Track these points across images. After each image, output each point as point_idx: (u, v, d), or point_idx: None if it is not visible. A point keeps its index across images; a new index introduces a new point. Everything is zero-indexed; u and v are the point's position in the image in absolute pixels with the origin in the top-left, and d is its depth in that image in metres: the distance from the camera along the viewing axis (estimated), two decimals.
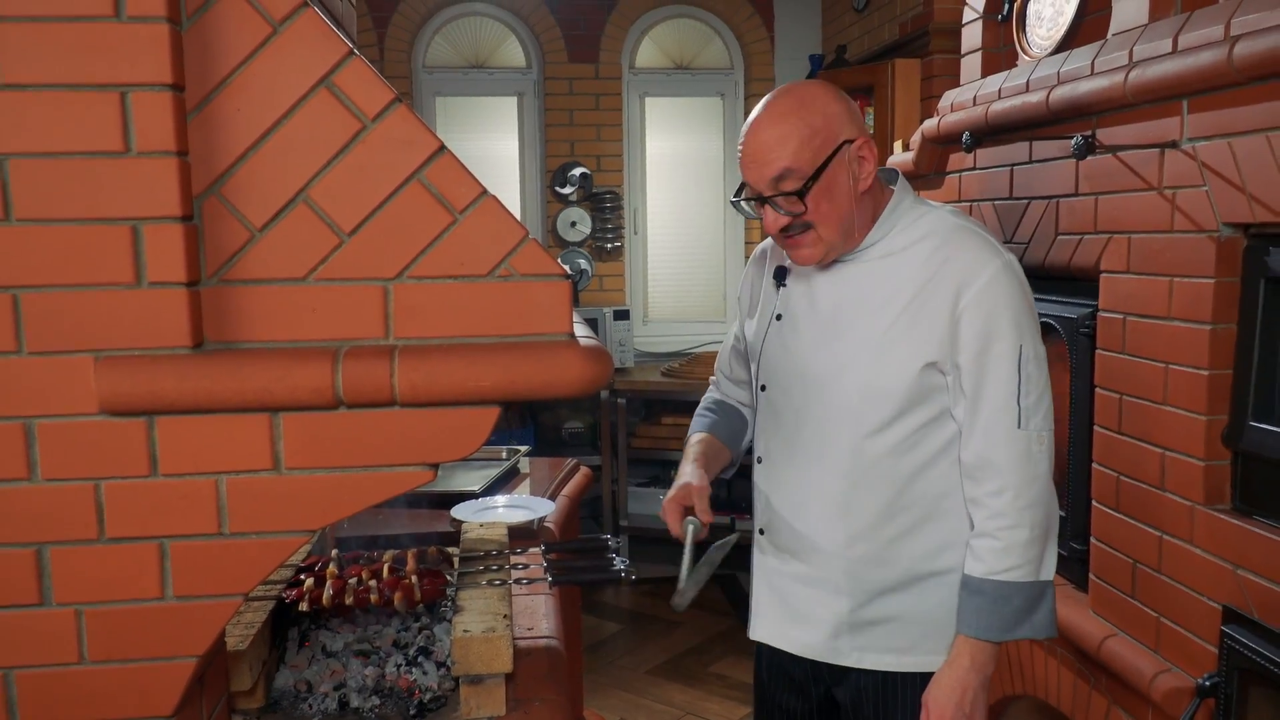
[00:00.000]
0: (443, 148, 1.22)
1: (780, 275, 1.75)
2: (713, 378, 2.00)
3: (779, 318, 1.74)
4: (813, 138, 1.55)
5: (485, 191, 1.23)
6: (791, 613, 1.74)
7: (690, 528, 1.73)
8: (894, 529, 1.64)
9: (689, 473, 1.77)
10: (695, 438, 1.88)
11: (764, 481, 1.77)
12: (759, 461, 1.79)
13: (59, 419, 1.15)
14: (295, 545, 1.23)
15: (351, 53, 1.19)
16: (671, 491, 1.77)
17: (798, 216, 1.58)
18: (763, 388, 1.76)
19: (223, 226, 1.19)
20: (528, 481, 3.03)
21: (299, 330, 1.21)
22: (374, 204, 1.20)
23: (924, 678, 1.65)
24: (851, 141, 1.57)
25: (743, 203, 1.65)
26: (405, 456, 1.22)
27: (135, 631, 1.20)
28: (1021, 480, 1.55)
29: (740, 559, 1.90)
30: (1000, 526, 1.55)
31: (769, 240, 1.80)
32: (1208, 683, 1.80)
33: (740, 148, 1.62)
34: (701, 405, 1.97)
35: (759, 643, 1.82)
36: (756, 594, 1.81)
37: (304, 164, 1.19)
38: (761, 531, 1.79)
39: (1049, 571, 1.59)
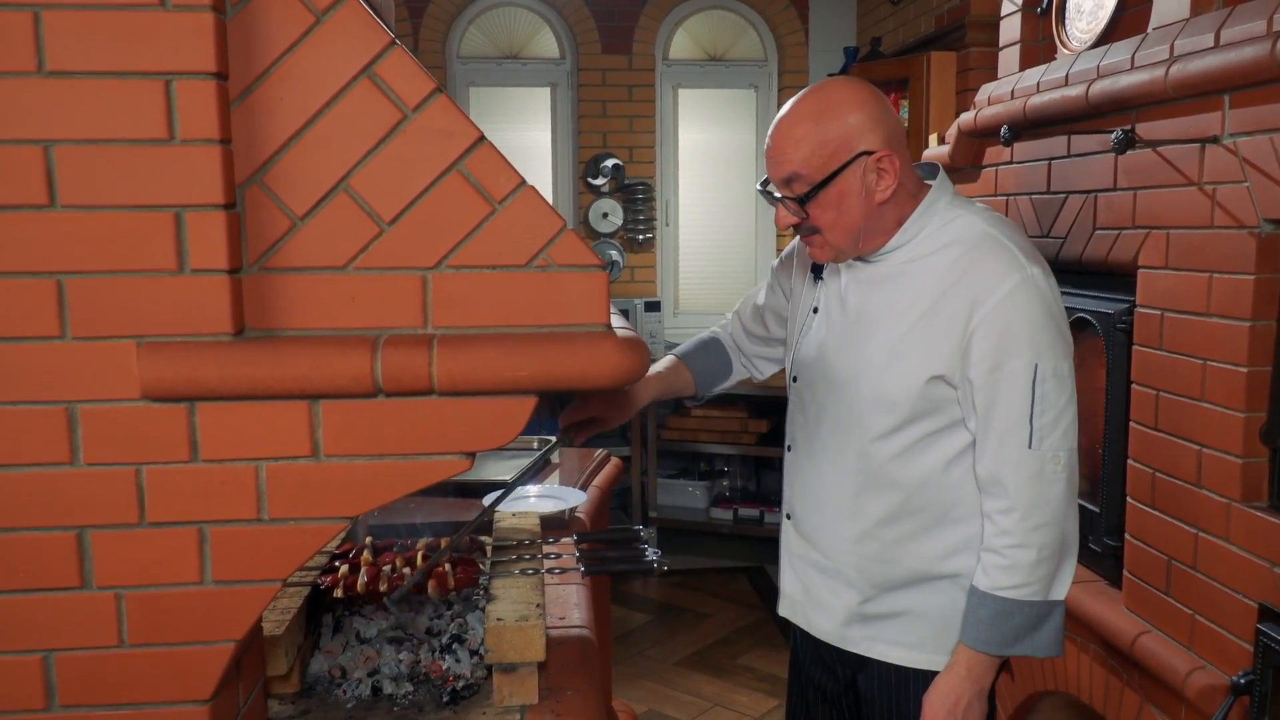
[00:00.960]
0: (483, 138, 1.22)
1: (818, 269, 1.76)
2: (726, 318, 2.04)
3: (815, 311, 1.75)
4: (824, 146, 1.55)
5: (524, 182, 1.23)
6: (811, 597, 1.79)
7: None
8: (900, 531, 1.66)
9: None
10: (665, 359, 1.96)
11: (791, 469, 1.82)
12: (789, 449, 1.83)
13: (101, 404, 1.17)
14: (333, 532, 1.24)
15: (393, 42, 1.20)
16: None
17: (803, 220, 1.61)
18: (794, 379, 1.80)
19: (264, 215, 1.20)
20: (558, 472, 3.05)
21: (338, 319, 1.22)
22: (414, 194, 1.21)
23: (925, 676, 1.67)
24: (871, 153, 1.55)
25: (763, 192, 1.67)
26: (442, 445, 1.23)
27: (174, 615, 1.21)
28: (1031, 501, 1.53)
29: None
30: (1007, 545, 1.55)
31: None
32: (1242, 680, 1.78)
33: (766, 142, 1.63)
34: (698, 336, 2.03)
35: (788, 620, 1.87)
36: (784, 574, 1.86)
37: (345, 153, 1.20)
38: (789, 516, 1.83)
39: (1060, 592, 1.58)
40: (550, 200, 5.92)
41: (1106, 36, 2.30)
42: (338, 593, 1.74)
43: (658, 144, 5.67)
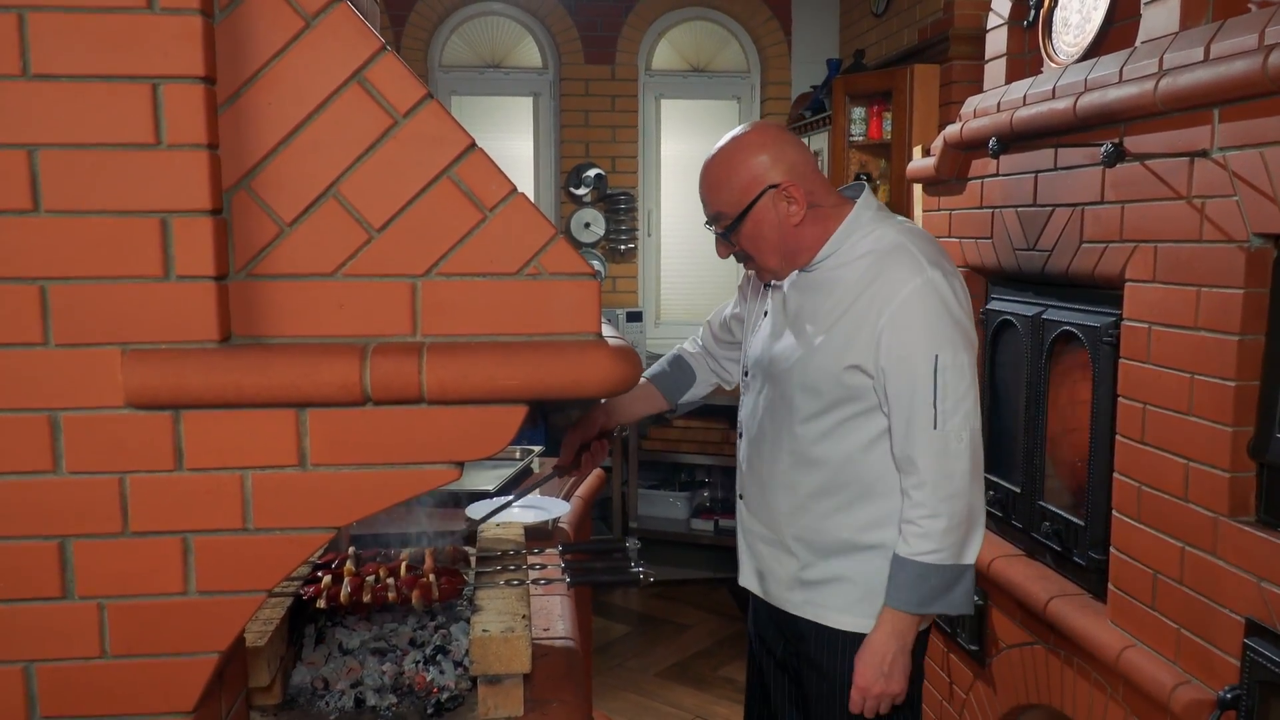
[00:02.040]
0: (473, 145, 1.21)
1: None
2: (697, 337, 2.27)
3: (765, 314, 1.99)
4: (733, 186, 1.82)
5: (515, 189, 1.22)
6: (762, 566, 2.01)
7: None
8: (827, 505, 1.87)
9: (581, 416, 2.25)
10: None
11: (742, 453, 2.05)
12: (740, 437, 2.07)
13: (85, 411, 1.15)
14: (320, 542, 1.22)
15: (384, 47, 1.19)
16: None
17: (734, 248, 1.89)
18: (745, 374, 2.05)
19: (252, 221, 1.18)
20: (543, 480, 3.02)
21: (327, 326, 1.20)
22: (404, 200, 1.20)
23: (856, 639, 1.85)
24: (777, 186, 1.80)
25: (709, 228, 1.93)
26: (431, 454, 1.21)
27: (157, 626, 1.19)
28: (939, 475, 1.73)
29: None
30: (921, 515, 1.74)
31: None
32: (1229, 695, 1.78)
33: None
34: (668, 354, 2.28)
35: (747, 589, 2.08)
36: (740, 549, 2.08)
37: (334, 159, 1.18)
38: (741, 496, 2.05)
39: (970, 557, 1.78)
40: None
41: (1094, 50, 2.31)
42: (320, 603, 1.72)
43: (640, 154, 5.67)
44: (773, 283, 1.94)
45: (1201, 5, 1.95)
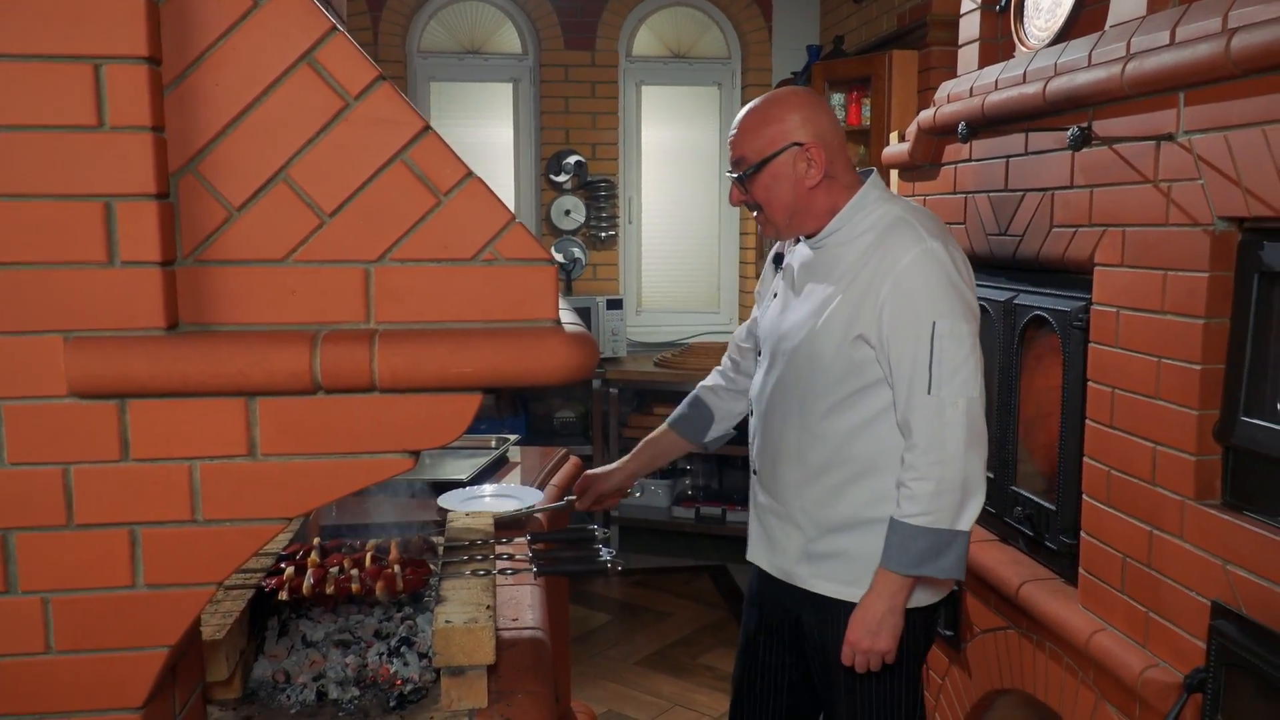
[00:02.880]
0: (427, 128, 1.19)
1: (778, 260, 2.11)
2: (724, 361, 2.35)
3: (775, 295, 2.08)
4: (763, 136, 1.88)
5: (471, 173, 1.20)
6: (769, 540, 2.06)
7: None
8: (836, 478, 1.92)
9: (616, 464, 2.38)
10: (657, 430, 2.39)
11: (755, 428, 2.10)
12: (752, 413, 2.12)
13: (27, 401, 1.12)
14: (271, 533, 1.20)
15: (334, 28, 1.16)
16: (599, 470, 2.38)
17: (746, 194, 1.93)
18: (758, 353, 2.12)
19: (200, 205, 1.16)
20: (518, 470, 3.01)
21: (278, 313, 1.18)
22: (356, 184, 1.18)
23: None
24: (801, 145, 1.87)
25: (731, 175, 1.97)
26: (385, 443, 1.20)
27: (104, 621, 1.17)
28: (930, 440, 1.78)
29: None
30: (912, 477, 1.80)
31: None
32: (1195, 678, 1.78)
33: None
34: (691, 394, 2.37)
35: (754, 564, 2.15)
36: (750, 523, 2.14)
37: (284, 142, 1.16)
38: (755, 471, 2.10)
39: (964, 523, 1.81)
40: (512, 197, 5.87)
41: (1065, 34, 2.30)
42: (282, 595, 1.70)
43: (621, 141, 5.64)
44: (783, 264, 2.06)
45: None
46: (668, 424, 2.35)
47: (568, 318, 1.30)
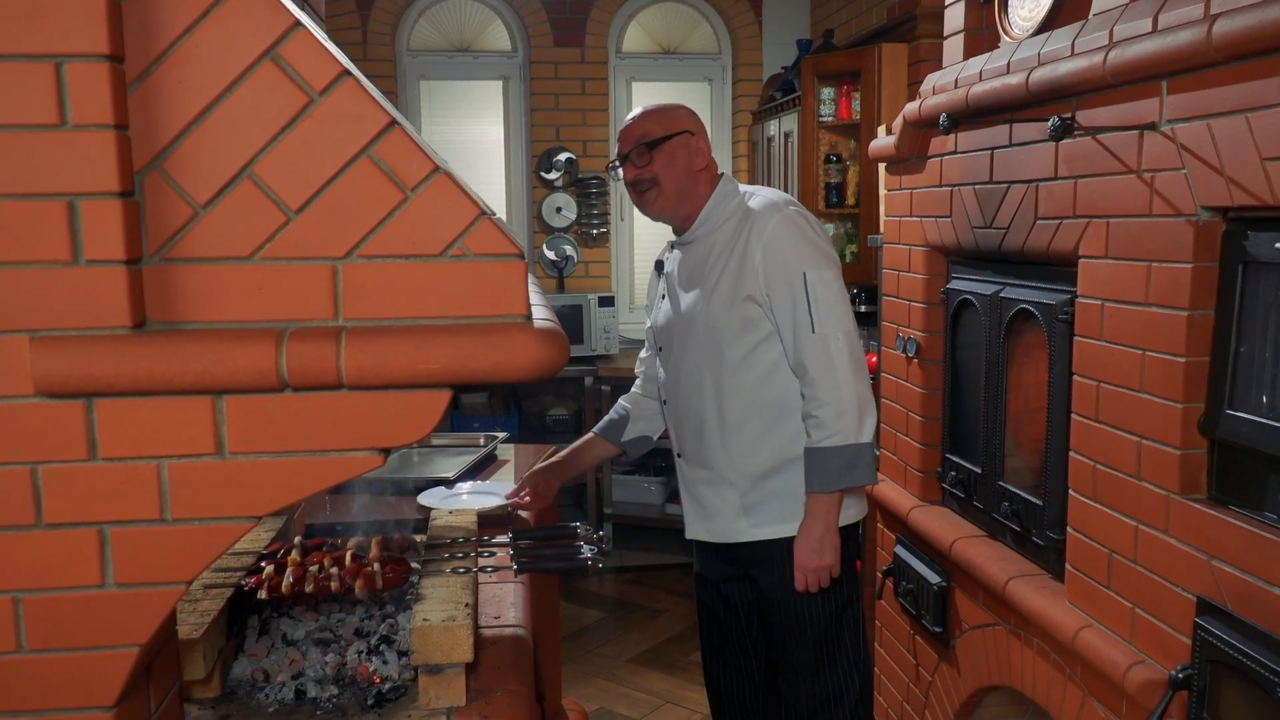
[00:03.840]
0: (393, 123, 1.18)
1: (659, 267, 2.45)
2: (638, 367, 2.63)
3: (663, 297, 2.39)
4: (662, 121, 2.26)
5: (438, 168, 1.19)
6: (704, 510, 2.33)
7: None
8: (755, 427, 2.23)
9: (555, 458, 2.59)
10: (586, 436, 2.65)
11: (669, 414, 2.40)
12: (664, 403, 2.42)
13: None
14: (240, 531, 1.19)
15: (297, 24, 1.15)
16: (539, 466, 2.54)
17: (645, 167, 2.23)
18: (659, 349, 2.41)
19: (165, 203, 1.15)
20: (509, 467, 3.01)
21: (244, 311, 1.17)
22: (322, 181, 1.17)
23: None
24: (692, 134, 2.26)
25: (612, 167, 2.33)
26: (354, 441, 1.19)
27: (75, 620, 1.16)
28: (823, 371, 2.10)
29: None
30: (814, 407, 2.11)
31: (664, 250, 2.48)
32: (1181, 675, 1.77)
33: (621, 130, 2.30)
34: (615, 406, 2.65)
35: (695, 547, 2.45)
36: (685, 505, 2.39)
37: (249, 139, 1.15)
38: (679, 455, 2.38)
39: (866, 435, 2.13)
40: (503, 195, 5.85)
41: (1049, 24, 2.28)
42: (262, 594, 1.69)
43: (612, 138, 5.62)
44: (663, 270, 2.41)
45: None
46: (594, 431, 2.63)
47: (541, 313, 1.29)
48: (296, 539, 1.91)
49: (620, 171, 2.30)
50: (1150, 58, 1.74)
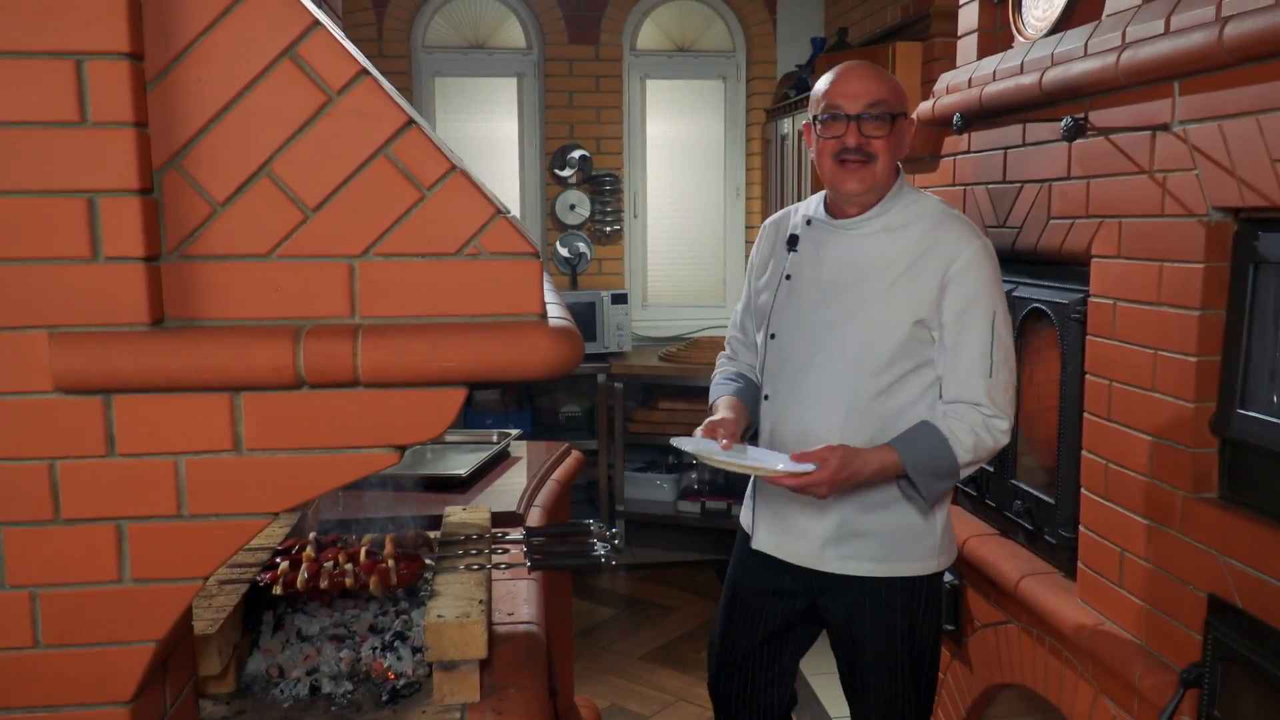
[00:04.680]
0: (411, 122, 1.19)
1: (793, 242, 2.08)
2: (723, 353, 2.30)
3: (788, 278, 2.05)
4: (898, 91, 1.95)
5: (455, 167, 1.20)
6: (785, 528, 2.06)
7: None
8: None
9: (723, 409, 2.09)
10: (723, 399, 2.14)
11: (770, 414, 2.07)
12: (766, 398, 2.08)
13: (12, 397, 1.13)
14: (257, 528, 1.21)
15: (316, 23, 1.16)
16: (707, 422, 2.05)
17: (871, 139, 1.91)
18: (772, 336, 2.07)
19: (183, 200, 1.16)
20: (521, 465, 3.01)
21: (262, 308, 1.18)
22: (339, 179, 1.18)
23: (888, 582, 2.00)
24: (909, 118, 1.98)
25: (819, 122, 1.96)
26: (369, 438, 1.20)
27: (91, 615, 1.17)
28: (995, 412, 1.88)
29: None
30: (975, 416, 1.88)
31: (779, 214, 2.20)
32: (1192, 673, 1.77)
33: (831, 83, 1.95)
34: (721, 375, 2.24)
35: (759, 552, 2.12)
36: (759, 510, 2.12)
37: (267, 137, 1.16)
38: None
39: (965, 474, 1.92)
40: (517, 192, 5.86)
41: (1062, 24, 2.28)
42: (277, 590, 1.70)
43: (625, 135, 5.63)
44: (799, 248, 2.05)
45: None
46: (734, 395, 2.15)
47: (556, 311, 1.30)
48: (311, 535, 1.92)
49: (820, 126, 1.95)
50: (1163, 59, 1.74)
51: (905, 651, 2.02)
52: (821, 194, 2.08)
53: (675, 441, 1.96)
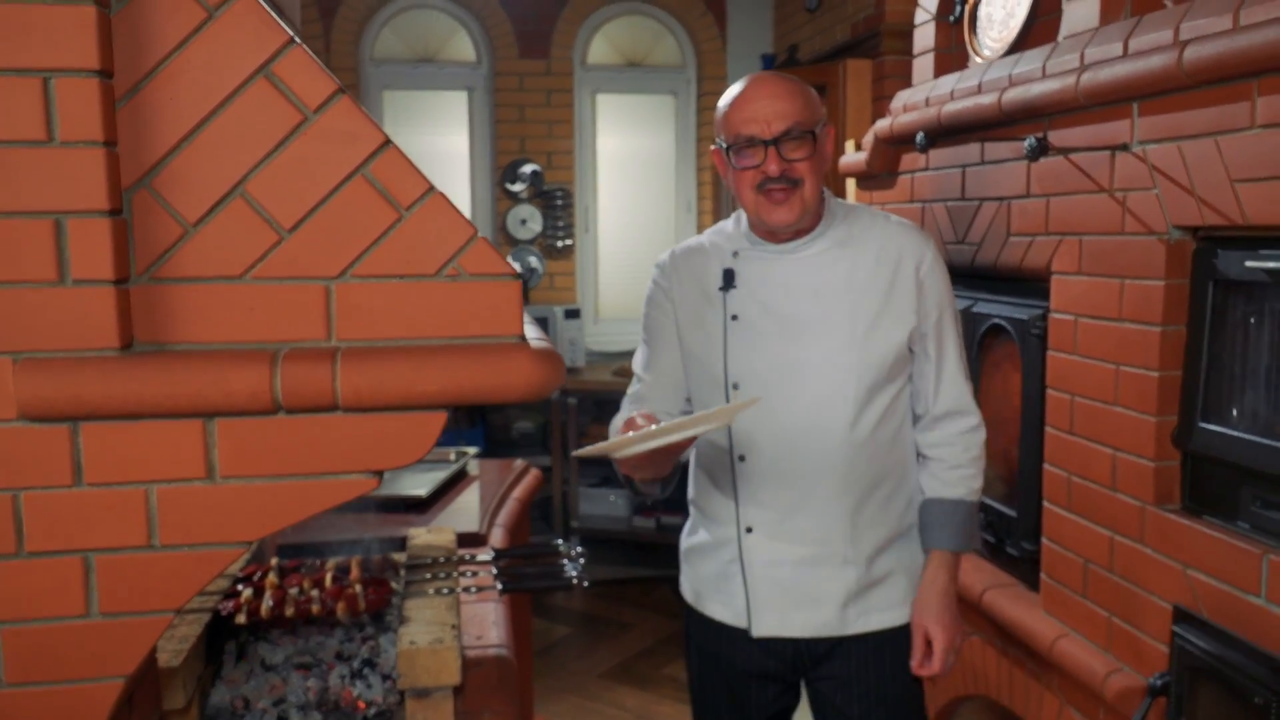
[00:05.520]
0: (388, 142, 1.17)
1: (728, 278, 1.78)
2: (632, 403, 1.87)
3: (735, 318, 1.76)
4: (812, 104, 1.71)
5: (432, 188, 1.18)
6: (796, 599, 1.76)
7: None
8: (884, 492, 1.77)
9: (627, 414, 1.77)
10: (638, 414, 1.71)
11: (751, 478, 1.76)
12: (741, 459, 1.76)
13: None
14: (231, 557, 1.17)
15: (292, 40, 1.14)
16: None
17: (794, 163, 1.67)
18: (735, 386, 1.75)
19: (154, 221, 1.13)
20: (478, 484, 2.98)
21: (236, 331, 1.15)
22: (315, 199, 1.15)
23: (906, 627, 1.78)
24: (828, 124, 1.74)
25: (732, 150, 1.71)
26: (347, 464, 1.17)
27: (58, 651, 1.13)
28: (968, 409, 1.78)
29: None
30: (973, 458, 1.77)
31: (680, 249, 1.91)
32: (1159, 682, 1.80)
33: (737, 106, 1.70)
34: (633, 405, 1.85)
35: (712, 628, 1.83)
36: (754, 592, 1.78)
37: (241, 156, 1.14)
38: (749, 530, 1.77)
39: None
40: (468, 207, 5.82)
41: (1018, 45, 2.32)
42: (240, 619, 1.66)
43: (576, 149, 5.62)
44: (736, 284, 1.77)
45: (1120, 1, 1.97)
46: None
47: (532, 332, 1.29)
48: (273, 561, 1.88)
49: (733, 155, 1.71)
50: (1123, 81, 1.77)
51: (914, 708, 1.83)
52: (733, 219, 1.84)
53: (576, 453, 1.61)
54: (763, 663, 1.80)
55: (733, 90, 1.73)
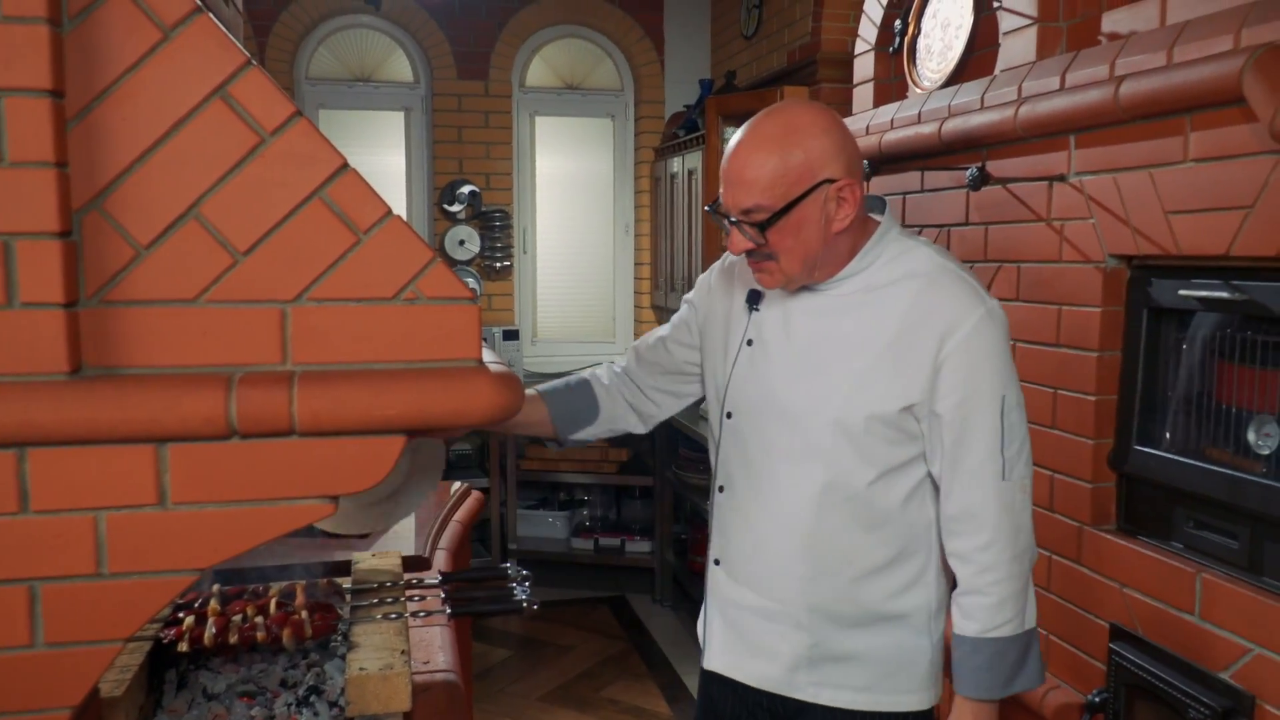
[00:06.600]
0: (346, 165, 1.17)
1: (754, 299, 1.68)
2: (619, 363, 1.89)
3: (750, 343, 1.66)
4: (786, 175, 1.49)
5: (390, 211, 1.18)
6: (749, 645, 1.67)
7: None
8: (858, 568, 1.59)
9: None
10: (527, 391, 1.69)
11: (725, 511, 1.70)
12: (720, 490, 1.71)
13: None
14: (183, 585, 1.15)
15: (249, 62, 1.13)
16: None
17: (760, 246, 1.54)
18: (728, 415, 1.68)
19: (105, 243, 1.11)
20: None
21: (189, 355, 1.13)
22: (272, 222, 1.14)
23: (878, 716, 1.63)
24: (833, 181, 1.50)
25: (715, 214, 1.59)
26: (304, 489, 1.16)
27: (1, 683, 1.10)
28: (1009, 533, 1.52)
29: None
30: (990, 582, 1.53)
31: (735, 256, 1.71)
32: (1097, 699, 1.84)
33: (723, 162, 1.56)
34: (575, 375, 1.88)
35: (713, 673, 1.74)
36: (711, 625, 1.73)
37: (196, 178, 1.12)
38: (717, 562, 1.72)
39: (1033, 618, 1.58)
40: None
41: (956, 76, 2.39)
42: (183, 646, 1.62)
43: (515, 171, 5.62)
44: (760, 307, 1.66)
45: (1056, 36, 2.03)
46: (540, 394, 1.83)
47: (488, 356, 1.29)
48: (215, 587, 1.84)
49: (725, 224, 1.58)
50: (1061, 114, 1.83)
51: None
52: None
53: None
54: (749, 697, 1.70)
55: (731, 141, 1.57)
